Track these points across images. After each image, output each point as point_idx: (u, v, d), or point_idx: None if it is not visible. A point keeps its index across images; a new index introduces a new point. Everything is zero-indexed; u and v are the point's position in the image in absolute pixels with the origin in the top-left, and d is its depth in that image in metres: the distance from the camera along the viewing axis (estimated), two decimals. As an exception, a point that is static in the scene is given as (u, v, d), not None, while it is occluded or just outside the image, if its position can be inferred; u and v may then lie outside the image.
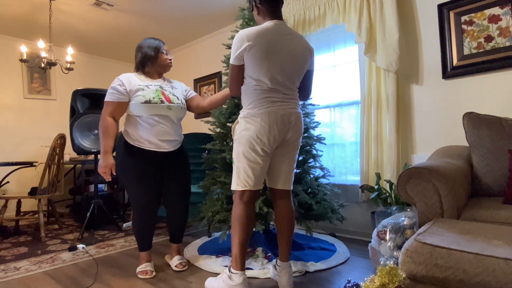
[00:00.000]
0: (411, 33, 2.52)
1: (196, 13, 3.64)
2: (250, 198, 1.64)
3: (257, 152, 1.60)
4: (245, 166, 1.62)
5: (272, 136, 1.59)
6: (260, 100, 1.60)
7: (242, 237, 1.63)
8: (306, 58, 1.70)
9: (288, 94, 1.66)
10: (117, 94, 1.89)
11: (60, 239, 2.90)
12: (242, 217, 1.63)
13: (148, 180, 1.96)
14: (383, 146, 2.53)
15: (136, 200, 1.96)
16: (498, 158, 1.80)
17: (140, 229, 2.02)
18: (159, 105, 1.91)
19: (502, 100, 2.15)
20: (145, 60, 2.01)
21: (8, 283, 1.92)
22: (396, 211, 1.68)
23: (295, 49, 1.64)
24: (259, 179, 1.64)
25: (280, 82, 1.61)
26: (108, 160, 1.86)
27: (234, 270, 1.64)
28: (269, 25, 1.62)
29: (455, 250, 1.02)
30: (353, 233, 2.77)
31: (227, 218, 2.19)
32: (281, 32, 1.62)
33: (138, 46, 2.05)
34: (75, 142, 2.91)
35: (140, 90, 1.91)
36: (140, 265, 2.03)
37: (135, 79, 1.96)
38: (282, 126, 1.61)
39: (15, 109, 4.17)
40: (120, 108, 1.91)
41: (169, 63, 2.08)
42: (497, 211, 1.46)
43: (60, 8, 3.40)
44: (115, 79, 1.94)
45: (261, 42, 1.56)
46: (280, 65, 1.60)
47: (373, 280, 1.16)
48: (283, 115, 1.61)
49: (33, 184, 4.17)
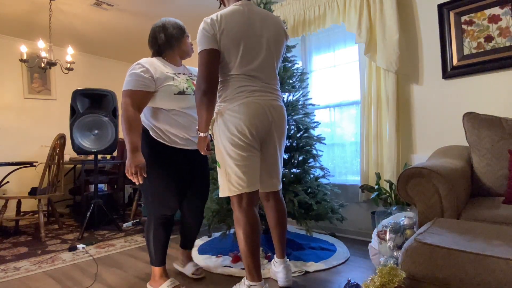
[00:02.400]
0: (411, 33, 2.52)
1: (196, 13, 3.64)
2: (249, 202, 1.48)
3: (241, 147, 1.43)
4: (232, 166, 1.45)
5: (254, 129, 1.43)
6: (237, 90, 1.43)
7: (250, 246, 1.46)
8: (282, 41, 1.53)
9: (269, 83, 1.50)
10: (142, 82, 1.57)
11: (60, 239, 2.90)
12: (245, 225, 1.46)
13: (177, 181, 1.71)
14: (383, 146, 2.53)
15: (160, 203, 1.68)
16: (498, 158, 1.80)
17: (159, 239, 1.71)
18: (193, 96, 1.68)
19: (502, 100, 2.15)
20: (171, 41, 1.71)
21: (8, 283, 1.92)
22: (396, 211, 1.68)
23: (269, 31, 1.48)
24: (252, 178, 1.46)
25: (257, 69, 1.45)
26: (138, 158, 1.52)
27: (251, 282, 1.49)
28: (236, 7, 1.45)
29: (455, 250, 1.02)
30: (353, 233, 2.77)
31: (227, 218, 2.19)
32: (251, 14, 1.46)
33: (159, 26, 1.73)
34: (75, 142, 2.91)
35: (170, 79, 1.63)
36: (159, 284, 1.71)
37: (160, 65, 1.66)
38: (264, 119, 1.46)
39: (15, 109, 4.17)
40: (144, 99, 1.59)
41: (192, 49, 1.84)
42: (497, 211, 1.46)
43: (60, 8, 3.40)
44: (134, 64, 1.61)
45: (232, 25, 1.39)
46: (254, 50, 1.44)
47: (373, 280, 1.15)
48: (265, 106, 1.45)
49: (33, 184, 4.17)
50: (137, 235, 2.98)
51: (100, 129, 3.03)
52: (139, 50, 4.80)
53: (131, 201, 4.48)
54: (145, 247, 2.59)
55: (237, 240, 1.49)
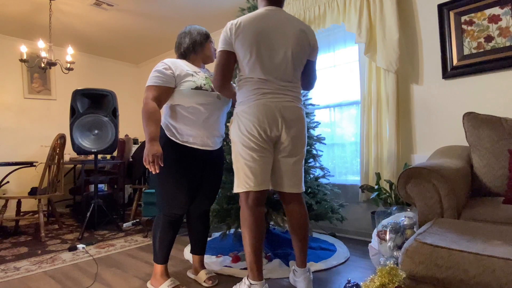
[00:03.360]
0: (411, 33, 2.52)
1: (196, 13, 3.64)
2: (255, 200, 1.52)
3: (252, 148, 1.48)
4: (242, 165, 1.52)
5: (262, 130, 1.47)
6: (251, 92, 1.50)
7: (253, 244, 1.49)
8: (303, 45, 1.56)
9: (285, 86, 1.53)
10: (163, 78, 1.65)
11: (60, 239, 2.90)
12: (250, 222, 1.50)
13: (190, 181, 1.72)
14: (383, 146, 2.53)
15: (171, 202, 1.70)
16: (498, 158, 1.80)
17: (166, 238, 1.74)
18: (210, 93, 1.72)
19: (502, 100, 2.15)
20: (194, 45, 1.80)
21: (8, 283, 1.92)
22: (396, 211, 1.68)
23: (288, 36, 1.52)
24: (260, 178, 1.51)
25: (272, 73, 1.49)
26: (155, 147, 1.55)
27: (253, 281, 1.50)
28: (260, 11, 1.52)
29: (455, 250, 1.02)
30: (353, 233, 2.77)
31: (227, 218, 2.19)
32: (273, 19, 1.50)
33: (185, 32, 1.84)
34: (75, 142, 2.91)
35: (190, 76, 1.70)
36: (160, 283, 1.74)
37: (181, 64, 1.75)
38: (274, 119, 1.48)
39: (15, 109, 4.17)
40: (165, 94, 1.66)
41: (215, 54, 1.89)
42: (497, 211, 1.46)
43: (60, 8, 3.40)
44: (160, 62, 1.72)
45: (252, 29, 1.46)
46: (270, 54, 1.48)
47: (373, 280, 1.15)
48: (275, 107, 1.49)
49: (33, 184, 4.17)
50: (137, 235, 2.98)
51: (100, 129, 3.03)
52: (139, 50, 4.80)
53: (131, 201, 4.48)
54: (145, 247, 2.59)
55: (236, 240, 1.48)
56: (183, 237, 2.87)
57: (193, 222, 1.91)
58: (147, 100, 1.62)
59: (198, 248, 1.92)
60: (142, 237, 2.89)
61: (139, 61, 5.36)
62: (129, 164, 4.01)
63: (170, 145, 1.68)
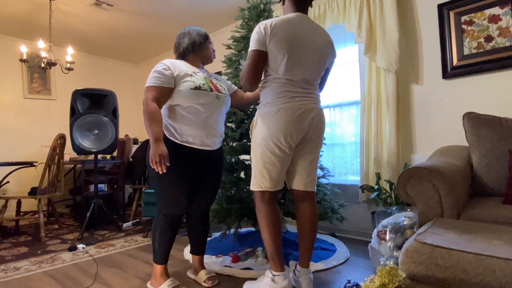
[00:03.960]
0: (411, 33, 2.52)
1: (196, 13, 3.64)
2: (271, 198, 1.59)
3: (274, 152, 1.53)
4: (260, 167, 1.56)
5: (289, 135, 1.51)
6: (279, 94, 1.53)
7: (273, 236, 1.55)
8: (327, 54, 1.63)
9: (308, 88, 1.59)
10: (163, 78, 1.65)
11: (60, 239, 2.90)
12: (267, 216, 1.57)
13: (189, 181, 1.72)
14: (383, 146, 2.53)
15: (171, 202, 1.70)
16: (498, 158, 1.80)
17: (166, 238, 1.74)
18: (209, 93, 1.72)
19: (502, 100, 2.15)
20: (193, 46, 1.81)
21: (8, 283, 1.92)
22: (396, 211, 1.68)
23: (317, 44, 1.57)
24: (276, 180, 1.57)
25: (300, 76, 1.54)
26: (161, 147, 1.54)
27: (275, 272, 1.56)
28: (291, 16, 1.56)
29: (455, 250, 1.02)
30: (353, 233, 2.77)
31: (227, 218, 2.19)
32: (303, 25, 1.56)
33: (184, 32, 1.85)
34: (75, 142, 2.91)
35: (189, 76, 1.70)
36: (159, 283, 1.74)
37: (180, 64, 1.75)
38: (300, 124, 1.53)
39: (15, 109, 4.17)
40: (165, 95, 1.66)
41: (214, 55, 1.92)
42: (497, 211, 1.46)
43: (60, 8, 3.40)
44: (159, 63, 1.72)
45: (283, 32, 1.49)
46: (300, 57, 1.53)
47: (373, 280, 1.16)
48: (302, 111, 1.53)
49: (33, 184, 4.17)
50: (137, 235, 2.98)
51: (100, 129, 3.03)
52: (139, 50, 4.80)
53: (131, 201, 4.47)
54: (145, 247, 2.59)
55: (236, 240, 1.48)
56: (183, 237, 2.87)
57: (193, 222, 1.91)
58: (147, 101, 1.61)
59: (198, 248, 1.92)
60: (142, 237, 2.89)
61: (139, 61, 5.36)
62: (129, 164, 4.01)
63: (169, 146, 1.66)
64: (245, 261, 2.12)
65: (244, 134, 2.32)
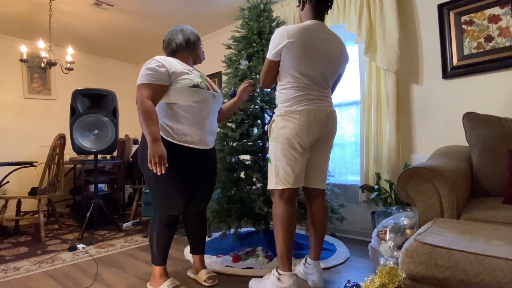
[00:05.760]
0: (411, 33, 2.52)
1: (196, 13, 3.64)
2: (290, 197, 1.64)
3: (296, 149, 1.60)
4: (284, 164, 1.61)
5: (311, 134, 1.61)
6: (298, 97, 1.61)
7: (287, 236, 1.60)
8: (341, 61, 1.73)
9: (324, 92, 1.68)
10: (156, 75, 1.59)
11: (60, 239, 2.90)
12: (285, 216, 1.61)
13: (187, 182, 1.70)
14: (383, 146, 2.53)
15: (168, 203, 1.68)
16: (498, 158, 1.80)
17: (163, 239, 1.72)
18: (206, 91, 1.71)
19: (502, 100, 2.15)
20: (188, 43, 1.80)
21: (8, 283, 1.92)
22: (396, 211, 1.68)
23: (332, 51, 1.67)
24: (298, 177, 1.64)
25: (316, 80, 1.63)
26: (160, 148, 1.50)
27: (282, 272, 1.60)
28: (309, 24, 1.65)
29: (455, 250, 1.02)
30: (353, 233, 2.77)
31: (227, 218, 2.19)
32: (320, 32, 1.65)
33: (177, 29, 1.82)
34: (75, 142, 2.91)
35: (185, 74, 1.67)
36: (159, 284, 1.72)
37: (174, 62, 1.70)
38: (321, 124, 1.63)
39: (15, 109, 4.17)
40: (159, 92, 1.60)
41: (204, 56, 1.94)
42: (497, 211, 1.46)
43: (60, 8, 3.40)
44: (150, 60, 1.65)
45: (302, 39, 1.57)
46: (317, 63, 1.62)
47: (373, 280, 1.16)
48: (322, 112, 1.63)
49: (33, 184, 4.16)
50: (137, 235, 2.98)
51: (100, 129, 3.03)
52: (139, 50, 4.80)
53: (131, 201, 4.47)
54: (145, 247, 2.59)
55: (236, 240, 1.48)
56: (183, 237, 2.87)
57: (191, 222, 1.90)
58: (142, 99, 1.54)
59: (197, 248, 1.91)
60: (142, 237, 2.89)
61: (139, 61, 5.36)
62: (129, 164, 4.01)
63: (166, 146, 1.61)
64: (245, 261, 2.12)
65: (244, 134, 2.32)
